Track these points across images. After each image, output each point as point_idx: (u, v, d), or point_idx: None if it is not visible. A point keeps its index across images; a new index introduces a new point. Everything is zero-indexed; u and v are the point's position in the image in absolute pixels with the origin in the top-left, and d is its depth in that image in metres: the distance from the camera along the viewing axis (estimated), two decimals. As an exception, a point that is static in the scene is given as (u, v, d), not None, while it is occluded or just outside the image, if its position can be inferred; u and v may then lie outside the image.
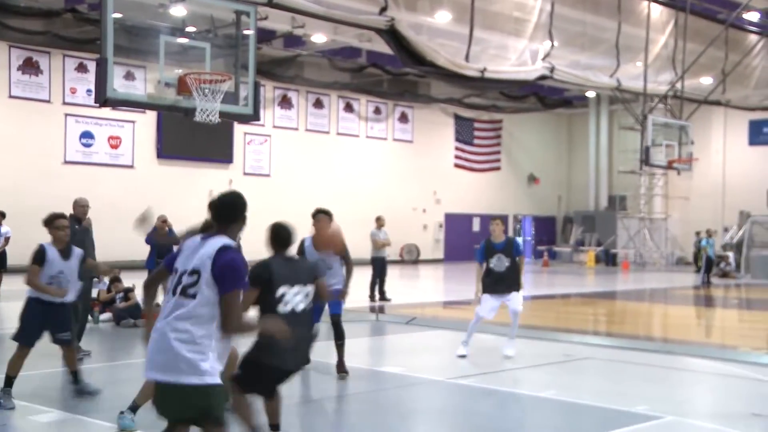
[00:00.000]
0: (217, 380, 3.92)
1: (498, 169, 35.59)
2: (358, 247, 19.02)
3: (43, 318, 7.04)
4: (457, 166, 34.09)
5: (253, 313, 4.98)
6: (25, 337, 6.99)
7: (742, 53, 26.59)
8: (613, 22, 22.69)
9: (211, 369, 3.89)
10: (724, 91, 27.01)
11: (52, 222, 7.15)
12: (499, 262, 9.39)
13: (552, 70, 21.17)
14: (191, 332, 3.87)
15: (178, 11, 15.13)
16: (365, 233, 17.08)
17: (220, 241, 4.03)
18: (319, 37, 23.47)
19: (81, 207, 9.47)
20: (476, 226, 33.76)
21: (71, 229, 7.62)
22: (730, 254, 27.33)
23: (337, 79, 28.46)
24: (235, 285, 3.94)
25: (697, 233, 27.87)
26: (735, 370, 9.15)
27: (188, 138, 24.35)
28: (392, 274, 17.06)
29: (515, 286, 9.50)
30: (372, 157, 31.24)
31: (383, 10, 16.93)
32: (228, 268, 3.92)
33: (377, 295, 16.29)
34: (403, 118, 32.40)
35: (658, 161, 25.35)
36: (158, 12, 15.51)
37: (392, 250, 23.69)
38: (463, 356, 9.51)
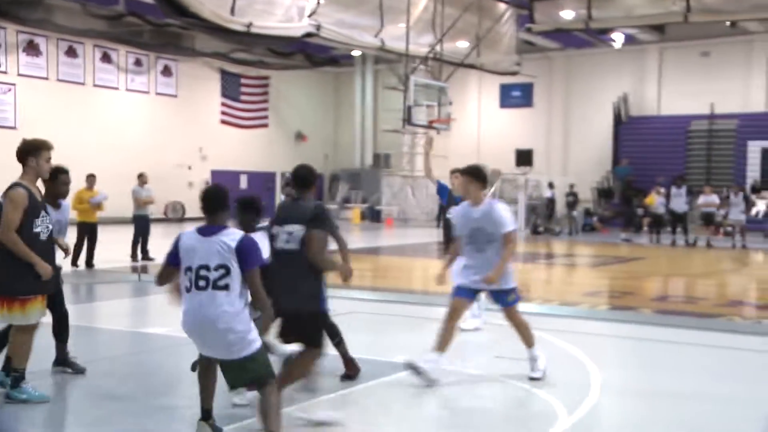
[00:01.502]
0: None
1: (266, 126, 35.36)
2: (120, 205, 18.17)
3: None
4: (223, 122, 33.40)
5: None
6: None
7: (494, 20, 28.32)
8: (377, -18, 23.17)
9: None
10: (479, 55, 28.66)
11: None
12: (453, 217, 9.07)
13: (318, 27, 21.25)
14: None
15: None
16: (127, 190, 16.30)
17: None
18: (71, -20, 21.73)
19: None
20: (244, 183, 33.42)
21: None
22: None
23: (93, 27, 26.50)
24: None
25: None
26: (484, 317, 9.83)
27: None
28: (156, 232, 16.42)
29: None
30: (134, 112, 29.71)
31: (142, -46, 15.98)
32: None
33: (140, 255, 15.65)
34: (167, 71, 31.06)
35: (420, 121, 26.42)
36: None
37: (156, 208, 22.81)
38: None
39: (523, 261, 17.00)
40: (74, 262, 14.33)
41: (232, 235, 4.71)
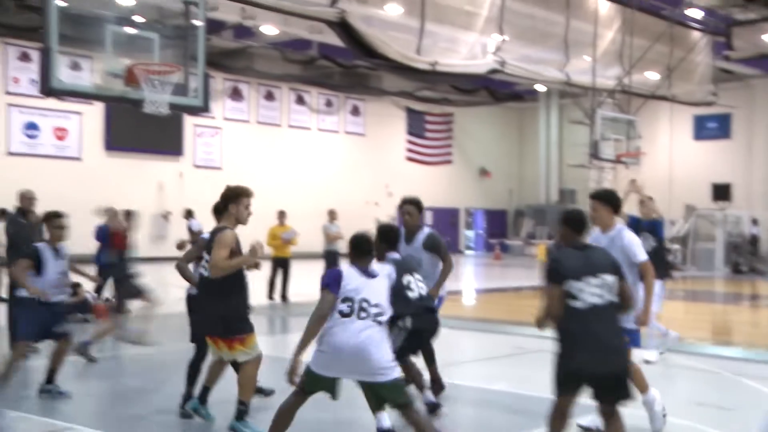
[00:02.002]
0: None
1: (449, 162, 35.76)
2: (311, 240, 19.00)
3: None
4: (408, 159, 34.16)
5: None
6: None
7: (687, 49, 27.12)
8: (562, 16, 22.93)
9: None
10: (670, 87, 27.51)
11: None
12: (645, 243, 8.73)
13: (502, 63, 21.30)
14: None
15: (125, 0, 14.83)
16: (317, 226, 17.01)
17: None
18: (270, 29, 23.26)
19: (28, 200, 9.24)
20: (428, 219, 33.89)
21: (18, 223, 7.41)
22: (677, 247, 27.91)
23: (288, 71, 28.25)
24: None
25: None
26: (681, 361, 9.33)
27: (137, 130, 23.96)
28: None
29: (662, 272, 8.97)
30: (324, 150, 31.12)
31: (334, 1, 16.83)
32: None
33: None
34: (355, 110, 32.33)
35: (607, 155, 25.70)
36: (104, 1, 15.18)
37: (345, 243, 23.63)
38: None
39: (724, 302, 15.97)
40: (270, 296, 15.13)
41: (386, 281, 5.30)
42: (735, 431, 6.25)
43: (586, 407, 6.20)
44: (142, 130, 23.87)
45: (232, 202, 6.11)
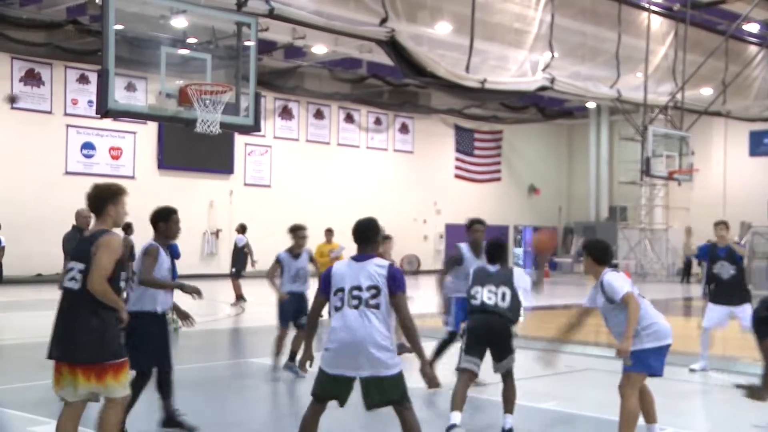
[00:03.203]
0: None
1: (498, 179, 35.62)
2: (359, 257, 19.06)
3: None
4: (457, 176, 34.12)
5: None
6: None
7: (742, 64, 26.65)
8: (613, 33, 22.75)
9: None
10: (725, 102, 27.06)
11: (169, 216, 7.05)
12: (723, 269, 9.24)
13: (552, 80, 21.22)
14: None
15: (179, 23, 15.19)
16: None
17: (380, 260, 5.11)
18: (320, 48, 23.55)
19: (84, 218, 9.50)
20: (477, 236, 33.74)
21: (74, 240, 7.61)
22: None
23: (338, 90, 28.54)
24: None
25: (685, 244, 27.79)
26: (737, 381, 9.12)
27: (189, 149, 24.42)
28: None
29: (744, 296, 9.18)
30: (372, 168, 31.26)
31: (383, 21, 16.99)
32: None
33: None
34: (404, 128, 32.45)
35: (659, 172, 25.36)
36: (159, 23, 15.58)
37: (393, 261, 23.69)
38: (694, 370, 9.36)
39: None
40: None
41: (382, 262, 5.05)
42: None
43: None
44: (193, 149, 24.32)
45: (111, 203, 5.25)
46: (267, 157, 28.27)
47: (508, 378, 6.59)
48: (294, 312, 9.25)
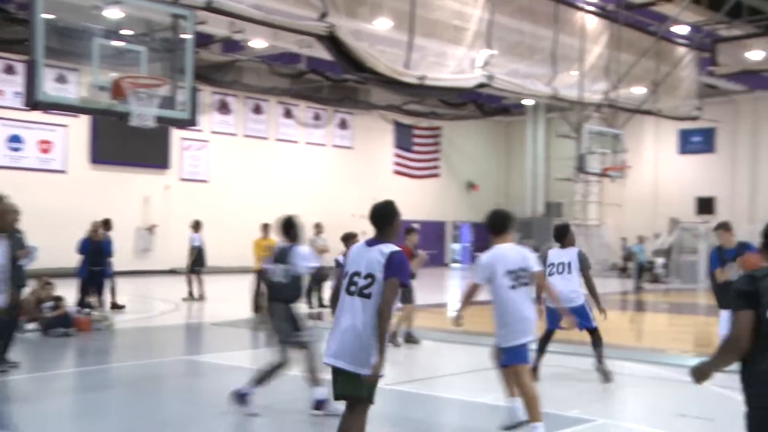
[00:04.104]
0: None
1: (437, 175, 35.87)
2: (297, 253, 18.98)
3: None
4: (396, 172, 34.24)
5: None
6: None
7: (672, 65, 27.40)
8: (549, 31, 23.12)
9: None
10: (656, 101, 27.77)
11: None
12: (736, 273, 8.72)
13: (490, 78, 21.44)
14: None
15: (113, 14, 14.84)
16: (304, 239, 16.99)
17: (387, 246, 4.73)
18: (259, 43, 23.31)
19: (10, 213, 9.19)
20: (415, 232, 33.92)
21: None
22: (660, 260, 28.07)
23: (277, 85, 28.30)
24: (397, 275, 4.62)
25: (623, 239, 28.52)
26: (664, 373, 9.40)
27: (124, 143, 23.93)
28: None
29: None
30: (311, 163, 31.14)
31: (323, 16, 16.91)
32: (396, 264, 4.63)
33: (316, 302, 16.23)
34: (343, 124, 32.40)
35: (593, 169, 25.88)
36: (92, 14, 15.19)
37: (331, 257, 23.64)
38: None
39: (706, 314, 16.06)
40: (255, 309, 15.11)
41: (387, 248, 4.69)
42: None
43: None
44: (128, 143, 23.84)
45: None
46: (204, 152, 27.89)
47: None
48: None
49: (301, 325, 6.92)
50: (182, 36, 12.89)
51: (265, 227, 15.86)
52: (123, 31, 13.45)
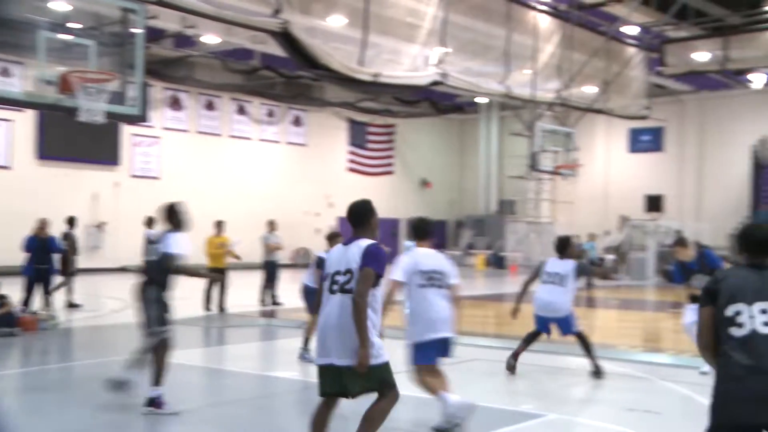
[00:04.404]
0: None
1: (391, 173, 35.92)
2: (251, 251, 18.84)
3: None
4: (350, 170, 34.19)
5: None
6: None
7: (622, 64, 27.85)
8: (503, 30, 23.30)
9: None
10: (607, 100, 28.19)
11: None
12: (701, 282, 8.29)
13: (444, 75, 21.53)
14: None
15: (60, 6, 14.53)
16: (257, 237, 16.89)
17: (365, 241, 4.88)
18: (211, 38, 23.04)
19: None
20: (370, 229, 33.93)
21: None
22: (611, 257, 28.52)
23: (230, 81, 28.01)
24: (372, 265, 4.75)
25: (576, 236, 28.87)
26: (614, 368, 9.53)
27: (72, 138, 23.44)
28: (284, 278, 16.92)
29: None
30: (265, 161, 30.92)
31: (277, 12, 16.79)
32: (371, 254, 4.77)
33: (268, 300, 16.12)
34: (297, 121, 32.23)
35: (545, 167, 26.17)
36: (38, 6, 14.84)
37: (285, 254, 23.51)
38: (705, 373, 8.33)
39: (654, 309, 16.38)
40: (207, 307, 14.97)
41: (363, 243, 4.85)
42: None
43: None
44: (76, 138, 23.36)
45: None
46: (156, 149, 27.48)
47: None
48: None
49: (166, 317, 6.81)
50: (132, 30, 12.67)
51: (219, 224, 15.74)
52: (70, 25, 13.16)
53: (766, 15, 26.07)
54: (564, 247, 9.03)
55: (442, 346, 6.33)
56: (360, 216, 5.06)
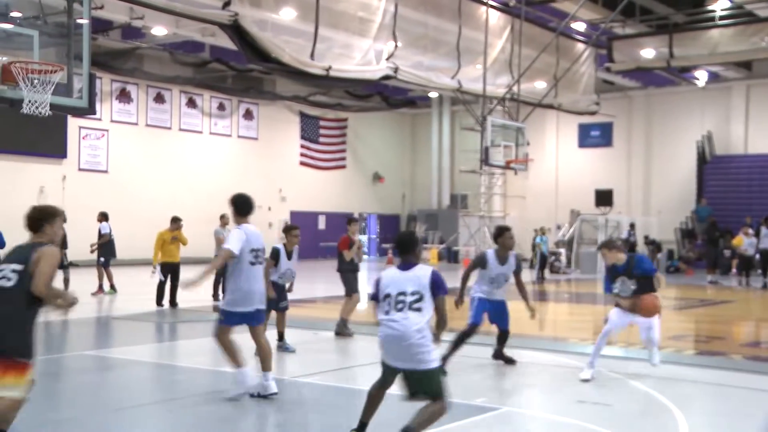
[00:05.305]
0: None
1: (343, 167, 35.84)
2: (203, 245, 18.61)
3: None
4: (302, 164, 34.02)
5: None
6: None
7: (571, 60, 28.20)
8: (454, 25, 23.40)
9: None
10: (556, 95, 28.52)
11: None
12: (624, 287, 8.23)
13: (396, 70, 21.55)
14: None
15: (1, -5, 14.12)
16: (209, 231, 16.70)
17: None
18: (160, 30, 22.66)
19: None
20: (322, 224, 33.82)
21: None
22: (562, 251, 28.89)
23: (180, 74, 27.64)
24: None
25: (535, 231, 29.21)
26: (565, 361, 9.66)
27: (16, 131, 22.84)
28: (237, 273, 16.73)
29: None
30: (216, 154, 30.59)
31: (227, 4, 16.61)
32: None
33: (221, 294, 15.93)
34: (248, 114, 31.94)
35: (497, 161, 26.37)
36: (-22, -5, 14.42)
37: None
38: (587, 380, 8.31)
39: (605, 303, 16.59)
40: (159, 302, 14.75)
41: (425, 270, 5.68)
42: (616, 427, 6.49)
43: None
44: (21, 131, 22.78)
45: (48, 223, 5.62)
46: (103, 141, 26.96)
47: None
48: (276, 300, 9.92)
49: None
50: (78, 20, 12.38)
51: (175, 220, 15.56)
52: (12, 13, 12.79)
53: (709, 14, 26.66)
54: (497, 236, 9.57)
55: None
56: (408, 245, 5.87)
